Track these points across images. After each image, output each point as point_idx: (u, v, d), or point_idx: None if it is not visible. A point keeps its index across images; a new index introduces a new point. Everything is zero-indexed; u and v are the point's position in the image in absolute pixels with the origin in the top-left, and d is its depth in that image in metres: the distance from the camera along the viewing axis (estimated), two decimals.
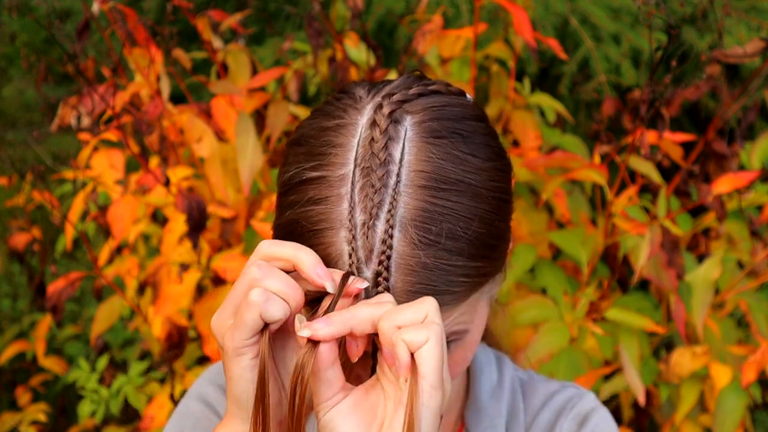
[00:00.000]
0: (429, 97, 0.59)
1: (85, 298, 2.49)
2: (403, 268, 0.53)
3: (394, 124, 0.56)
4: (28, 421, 1.81)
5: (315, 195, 0.56)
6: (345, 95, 0.61)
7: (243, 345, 0.51)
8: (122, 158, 1.31)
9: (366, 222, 0.53)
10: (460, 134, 0.57)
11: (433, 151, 0.55)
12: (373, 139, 0.55)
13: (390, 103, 0.57)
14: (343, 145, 0.56)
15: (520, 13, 1.18)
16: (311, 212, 0.55)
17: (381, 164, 0.54)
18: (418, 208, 0.54)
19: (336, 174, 0.55)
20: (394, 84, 0.60)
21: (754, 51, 1.17)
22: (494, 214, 0.57)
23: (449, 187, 0.54)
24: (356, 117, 0.57)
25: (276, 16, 2.05)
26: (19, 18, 3.09)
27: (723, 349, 1.28)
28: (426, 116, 0.57)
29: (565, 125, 1.81)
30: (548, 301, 1.23)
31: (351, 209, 0.54)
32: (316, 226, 0.55)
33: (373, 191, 0.53)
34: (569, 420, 0.74)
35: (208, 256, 1.21)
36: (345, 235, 0.54)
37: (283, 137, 1.49)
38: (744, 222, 1.33)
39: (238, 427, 0.53)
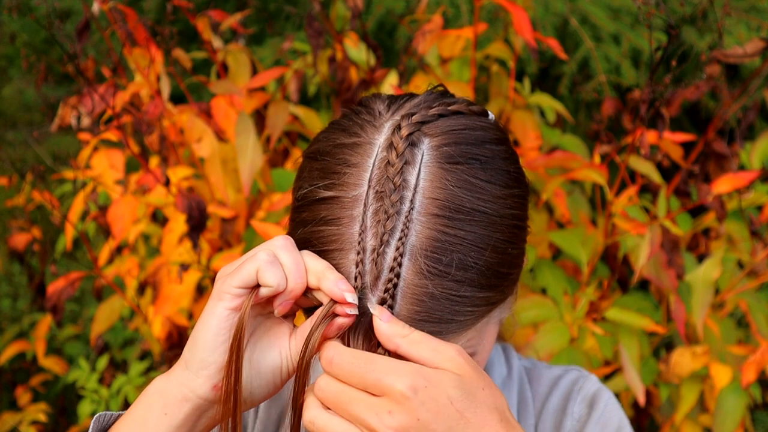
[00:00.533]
0: (449, 119, 0.57)
1: (85, 298, 2.49)
2: (410, 297, 0.53)
3: (411, 148, 0.55)
4: (28, 421, 1.81)
5: (327, 215, 0.55)
6: (364, 110, 0.60)
7: (227, 291, 0.52)
8: (122, 158, 1.31)
9: (376, 248, 0.53)
10: (479, 160, 0.56)
11: (448, 178, 0.54)
12: (389, 162, 0.54)
13: (408, 125, 0.56)
14: (358, 165, 0.55)
15: (520, 13, 1.18)
16: (322, 232, 0.55)
17: (395, 189, 0.53)
18: (429, 237, 0.53)
19: (349, 195, 0.55)
20: (415, 102, 0.59)
21: (754, 51, 1.17)
22: (508, 243, 0.57)
23: (463, 217, 0.54)
24: (374, 136, 0.57)
25: (276, 16, 2.05)
26: (19, 18, 3.09)
27: (723, 349, 1.28)
28: (444, 140, 0.56)
29: (565, 125, 1.81)
30: (548, 301, 1.23)
31: (362, 232, 0.54)
32: (326, 246, 0.55)
33: (386, 217, 0.53)
34: (578, 403, 0.76)
35: (208, 256, 1.21)
36: (354, 258, 0.54)
37: (284, 137, 1.49)
38: (744, 222, 1.33)
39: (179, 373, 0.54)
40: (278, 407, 0.76)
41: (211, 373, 0.53)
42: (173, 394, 0.54)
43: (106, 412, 0.59)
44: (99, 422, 0.58)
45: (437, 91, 0.62)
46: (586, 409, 0.75)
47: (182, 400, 0.53)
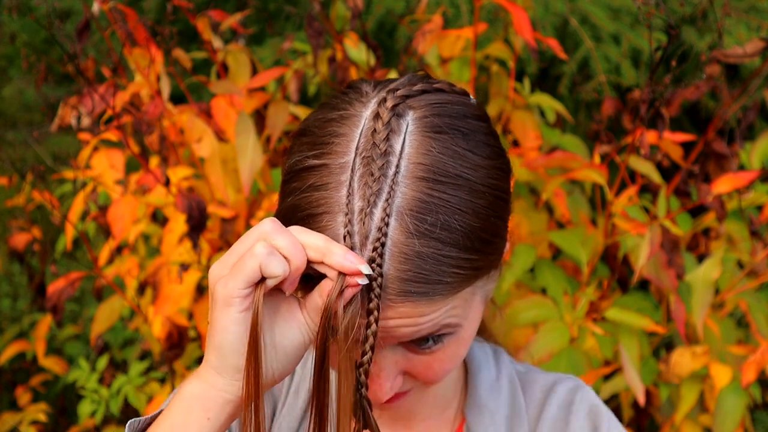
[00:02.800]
0: (432, 94, 0.60)
1: (85, 298, 2.49)
2: (397, 255, 0.54)
3: (397, 118, 0.57)
4: (28, 421, 1.81)
5: (316, 181, 0.57)
6: (351, 90, 0.63)
7: (235, 295, 0.52)
8: (122, 158, 1.31)
9: (363, 209, 0.54)
10: (461, 131, 0.58)
11: (432, 145, 0.56)
12: (375, 130, 0.56)
13: (394, 97, 0.58)
14: (345, 135, 0.58)
15: (520, 13, 1.18)
16: (311, 197, 0.57)
17: (381, 154, 0.55)
18: (415, 198, 0.55)
19: (337, 162, 0.57)
20: (399, 81, 0.62)
21: (754, 51, 1.17)
22: (490, 210, 0.58)
23: (447, 180, 0.56)
24: (360, 109, 0.59)
25: (276, 16, 2.05)
26: (19, 18, 3.09)
27: (723, 349, 1.28)
28: (428, 112, 0.58)
29: (565, 125, 1.81)
30: (548, 301, 1.23)
31: (349, 195, 0.55)
32: (314, 210, 0.56)
33: (372, 180, 0.55)
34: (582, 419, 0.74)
35: (208, 256, 1.21)
36: (342, 220, 0.55)
37: (284, 137, 1.49)
38: (744, 222, 1.33)
39: (213, 378, 0.54)
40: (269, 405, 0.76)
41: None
42: (213, 399, 0.54)
43: (138, 419, 0.58)
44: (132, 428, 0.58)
45: (420, 74, 0.65)
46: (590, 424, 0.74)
47: (224, 403, 0.54)
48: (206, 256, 1.21)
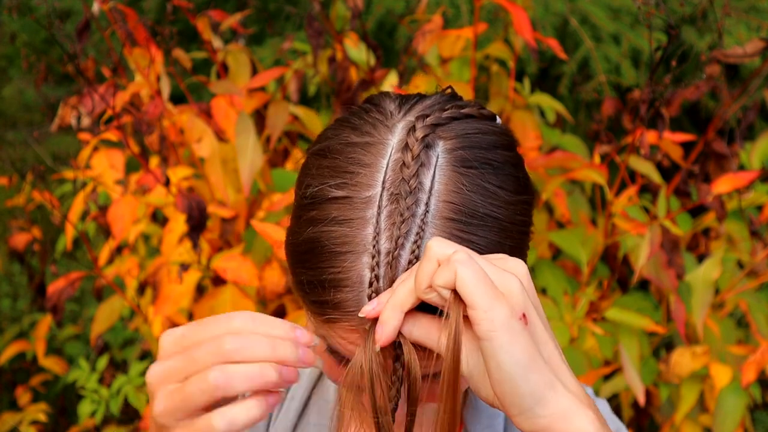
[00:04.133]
0: (462, 122, 0.57)
1: (85, 298, 2.49)
2: None
3: (426, 150, 0.54)
4: (28, 421, 1.81)
5: (339, 215, 0.54)
6: (374, 108, 0.59)
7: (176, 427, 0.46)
8: (122, 158, 1.31)
9: (391, 251, 0.52)
10: (491, 165, 0.55)
11: (463, 182, 0.54)
12: (404, 164, 0.53)
13: (423, 127, 0.55)
14: (371, 165, 0.54)
15: (520, 13, 1.18)
16: (334, 233, 0.54)
17: (411, 192, 0.52)
18: None
19: (362, 195, 0.54)
20: (426, 103, 0.59)
21: (754, 51, 1.17)
22: (516, 249, 0.56)
23: (477, 222, 0.53)
24: (386, 136, 0.56)
25: (276, 16, 2.05)
26: (19, 18, 3.09)
27: (723, 349, 1.28)
28: (458, 143, 0.55)
29: (565, 125, 1.81)
30: (548, 301, 1.23)
31: (376, 235, 0.52)
32: (337, 248, 0.53)
33: (401, 220, 0.52)
34: None
35: (208, 256, 1.21)
36: (367, 261, 0.52)
37: (284, 137, 1.49)
38: (744, 222, 1.33)
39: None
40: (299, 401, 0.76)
41: None
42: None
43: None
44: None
45: (447, 94, 0.62)
46: None
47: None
48: (206, 256, 1.21)
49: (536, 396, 0.46)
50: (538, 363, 0.46)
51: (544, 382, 0.46)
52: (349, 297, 0.53)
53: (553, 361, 0.48)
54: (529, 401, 0.46)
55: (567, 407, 0.47)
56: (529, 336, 0.46)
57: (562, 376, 0.48)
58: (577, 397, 0.48)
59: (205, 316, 1.18)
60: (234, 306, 1.17)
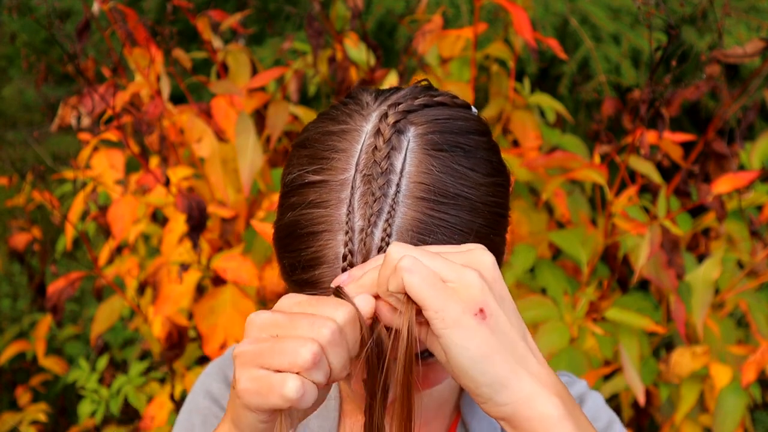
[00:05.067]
0: (434, 109, 0.59)
1: (85, 298, 2.49)
2: None
3: (398, 134, 0.57)
4: (28, 421, 1.81)
5: (316, 198, 0.56)
6: (352, 101, 0.61)
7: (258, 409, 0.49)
8: (122, 158, 1.31)
9: (364, 228, 0.54)
10: (462, 148, 0.57)
11: (433, 164, 0.56)
12: (376, 147, 0.56)
13: (395, 113, 0.57)
14: (346, 151, 0.57)
15: (520, 13, 1.18)
16: (311, 215, 0.56)
17: (382, 173, 0.55)
18: (415, 218, 0.54)
19: (337, 178, 0.56)
20: (401, 93, 0.61)
21: (754, 51, 1.17)
22: (490, 229, 0.58)
23: (447, 201, 0.55)
24: (361, 123, 0.58)
25: (276, 16, 2.05)
26: (19, 18, 3.09)
27: (723, 349, 1.28)
28: (429, 128, 0.57)
29: (565, 125, 1.81)
30: (548, 301, 1.23)
31: (350, 214, 0.55)
32: (314, 228, 0.56)
33: (373, 199, 0.54)
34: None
35: (208, 256, 1.21)
36: (342, 239, 0.55)
37: (284, 137, 1.49)
38: (744, 222, 1.33)
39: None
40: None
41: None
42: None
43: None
44: None
45: (422, 85, 0.64)
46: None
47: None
48: (206, 256, 1.21)
49: (495, 386, 0.48)
50: (497, 355, 0.48)
51: (505, 372, 0.48)
52: (326, 273, 0.55)
53: (517, 350, 0.49)
54: (489, 391, 0.48)
55: (530, 393, 0.48)
56: (486, 329, 0.48)
57: (526, 363, 0.49)
58: (542, 382, 0.49)
59: (204, 316, 1.18)
60: (234, 306, 1.17)
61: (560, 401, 0.49)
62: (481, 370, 0.47)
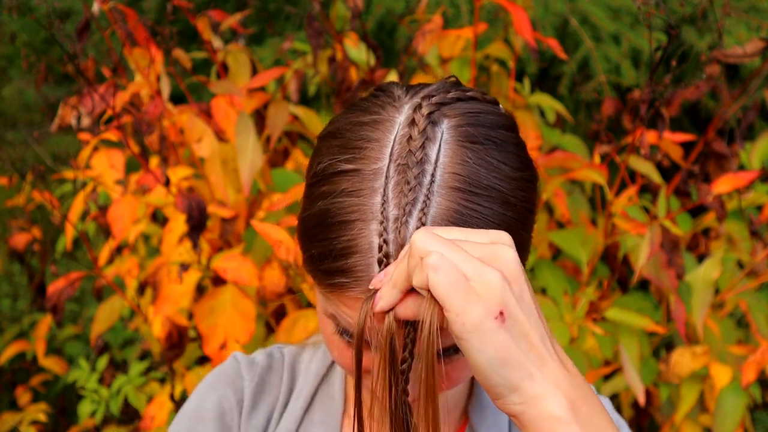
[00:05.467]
0: (466, 103, 0.59)
1: (85, 298, 2.49)
2: None
3: (432, 125, 0.57)
4: (28, 421, 1.81)
5: (348, 187, 0.56)
6: (383, 93, 0.62)
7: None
8: (122, 158, 1.31)
9: (399, 217, 0.54)
10: (494, 141, 0.58)
11: (468, 156, 0.56)
12: (411, 137, 0.56)
13: (429, 105, 0.57)
14: (379, 140, 0.57)
15: (520, 13, 1.18)
16: (344, 203, 0.56)
17: (417, 163, 0.55)
18: (450, 209, 0.54)
19: (371, 168, 0.56)
20: (432, 87, 0.61)
21: (754, 51, 1.17)
22: (520, 224, 0.58)
23: (482, 192, 0.55)
24: (394, 114, 0.58)
25: (276, 16, 2.05)
26: (19, 18, 3.09)
27: (723, 349, 1.28)
28: (462, 120, 0.58)
29: (565, 125, 1.81)
30: (548, 301, 1.23)
31: (384, 203, 0.54)
32: (347, 217, 0.55)
33: (408, 188, 0.54)
34: None
35: (208, 256, 1.21)
36: (376, 228, 0.54)
37: (284, 137, 1.49)
38: (744, 222, 1.33)
39: None
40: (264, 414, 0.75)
41: None
42: None
43: None
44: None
45: (451, 81, 0.64)
46: None
47: None
48: (206, 256, 1.21)
49: (510, 387, 0.49)
50: (513, 359, 0.48)
51: (520, 375, 0.48)
52: (359, 262, 0.54)
53: (534, 352, 0.49)
54: (503, 391, 0.49)
55: (541, 393, 0.48)
56: (504, 333, 0.48)
57: (542, 365, 0.49)
58: (555, 383, 0.49)
59: (204, 316, 1.18)
60: (234, 306, 1.17)
61: (568, 403, 0.49)
62: (497, 371, 0.48)
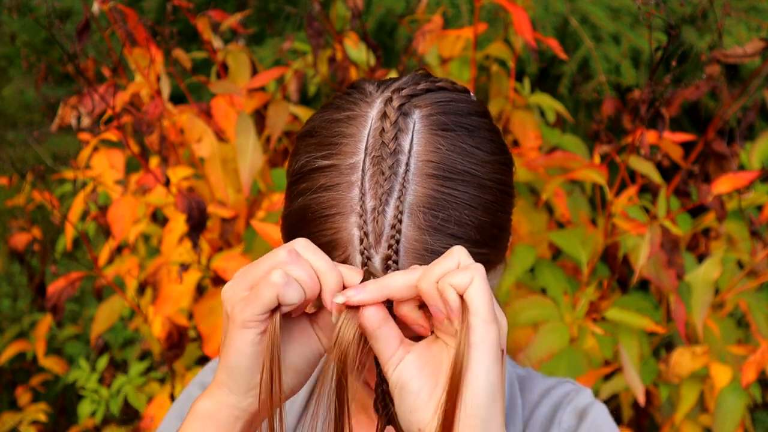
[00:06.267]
0: (436, 93, 0.61)
1: (85, 298, 2.49)
2: (411, 252, 0.55)
3: (404, 117, 0.58)
4: (28, 421, 1.81)
5: (326, 182, 0.57)
6: (355, 90, 0.63)
7: (252, 319, 0.52)
8: (122, 158, 1.31)
9: (376, 207, 0.55)
10: (466, 128, 0.59)
11: (441, 143, 0.57)
12: (383, 129, 0.57)
13: (399, 97, 0.59)
14: (353, 135, 0.58)
15: (520, 13, 1.18)
16: (322, 198, 0.57)
17: (391, 153, 0.56)
18: (426, 195, 0.56)
19: (347, 162, 0.57)
20: (402, 80, 0.63)
21: (754, 51, 1.17)
22: (497, 205, 0.59)
23: (456, 177, 0.57)
24: (366, 109, 0.60)
25: (276, 16, 2.05)
26: (19, 18, 3.09)
27: (723, 349, 1.28)
28: (434, 110, 0.59)
29: (565, 125, 1.81)
30: (548, 301, 1.23)
31: (362, 195, 0.56)
32: (327, 212, 0.57)
33: (384, 179, 0.55)
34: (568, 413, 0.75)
35: (208, 256, 1.21)
36: (355, 220, 0.56)
37: (284, 137, 1.49)
38: (744, 222, 1.33)
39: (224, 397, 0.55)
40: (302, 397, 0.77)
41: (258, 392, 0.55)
42: (224, 416, 0.56)
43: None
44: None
45: (421, 73, 0.65)
46: (575, 419, 0.75)
47: (235, 419, 0.56)
48: (206, 256, 1.21)
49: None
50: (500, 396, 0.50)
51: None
52: (342, 255, 0.56)
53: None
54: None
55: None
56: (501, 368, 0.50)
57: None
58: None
59: (204, 316, 1.18)
60: None
61: None
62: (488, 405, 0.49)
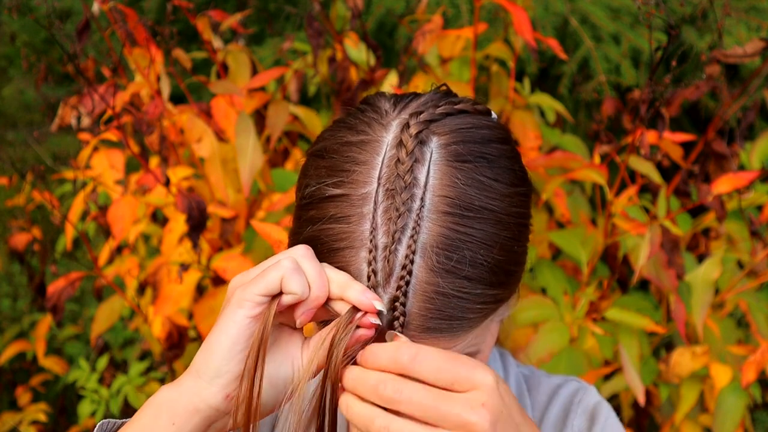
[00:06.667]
0: (456, 117, 0.58)
1: (85, 298, 2.49)
2: (421, 294, 0.53)
3: (420, 145, 0.55)
4: (28, 421, 1.81)
5: (336, 213, 0.55)
6: (369, 108, 0.60)
7: (251, 299, 0.51)
8: (122, 158, 1.31)
9: (388, 245, 0.53)
10: (486, 158, 0.56)
11: (458, 176, 0.54)
12: (399, 160, 0.54)
13: (417, 123, 0.56)
14: (366, 163, 0.55)
15: (520, 13, 1.17)
16: (332, 230, 0.55)
17: (406, 187, 0.53)
18: (440, 234, 0.53)
19: (359, 192, 0.55)
20: (421, 100, 0.59)
21: (754, 51, 1.17)
22: (514, 240, 0.57)
23: (473, 215, 0.54)
24: (381, 133, 0.57)
25: (276, 16, 2.05)
26: (19, 18, 3.09)
27: (723, 349, 1.28)
28: (452, 138, 0.56)
29: (565, 125, 1.81)
30: (548, 301, 1.23)
31: (373, 230, 0.53)
32: (336, 245, 0.55)
33: (397, 215, 0.53)
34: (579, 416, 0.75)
35: (208, 256, 1.21)
36: (365, 256, 0.53)
37: (284, 137, 1.49)
38: (744, 222, 1.33)
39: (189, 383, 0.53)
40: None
41: (225, 382, 0.52)
42: (183, 404, 0.52)
43: (109, 420, 0.58)
44: (102, 429, 0.58)
45: (442, 91, 0.62)
46: (587, 422, 0.75)
47: (193, 411, 0.52)
48: (206, 256, 1.21)
49: None
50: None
51: None
52: None
53: None
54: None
55: None
56: None
57: None
58: None
59: (204, 316, 1.18)
60: None
61: None
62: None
